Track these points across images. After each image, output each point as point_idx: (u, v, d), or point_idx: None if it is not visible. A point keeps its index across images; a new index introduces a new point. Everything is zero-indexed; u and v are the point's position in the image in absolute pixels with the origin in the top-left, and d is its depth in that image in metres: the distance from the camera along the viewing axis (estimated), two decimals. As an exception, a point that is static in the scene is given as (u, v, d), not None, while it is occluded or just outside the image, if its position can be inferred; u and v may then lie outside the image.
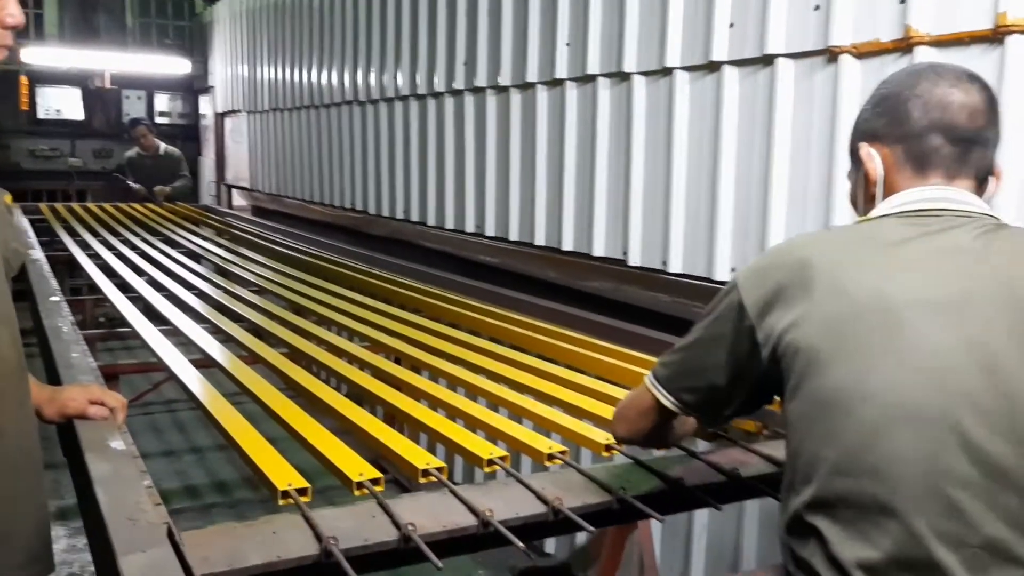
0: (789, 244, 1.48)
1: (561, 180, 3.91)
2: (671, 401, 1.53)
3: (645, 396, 1.57)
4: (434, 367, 2.82)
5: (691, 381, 1.51)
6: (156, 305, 3.85)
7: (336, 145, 6.49)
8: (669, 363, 1.55)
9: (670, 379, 1.54)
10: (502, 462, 1.86)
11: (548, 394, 2.41)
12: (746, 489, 1.80)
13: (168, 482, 4.89)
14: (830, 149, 2.68)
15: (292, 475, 1.72)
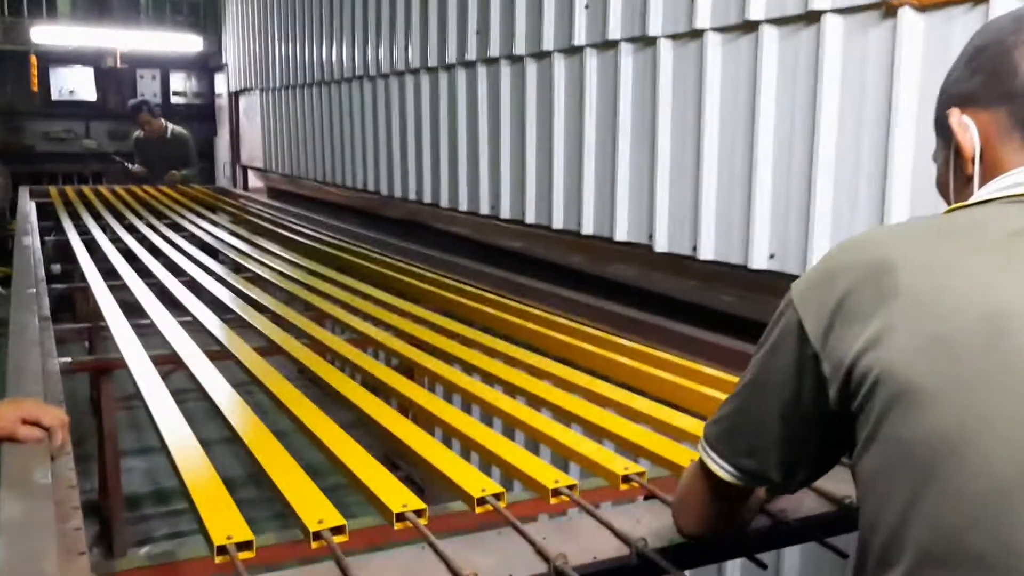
0: (860, 240, 1.10)
1: (581, 158, 3.57)
2: (730, 472, 1.18)
3: (703, 475, 1.22)
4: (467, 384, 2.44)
5: (749, 440, 1.15)
6: (144, 300, 3.57)
7: (348, 123, 6.19)
8: (721, 419, 1.20)
9: (724, 440, 1.18)
10: (571, 491, 1.54)
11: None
12: (794, 536, 1.48)
13: (166, 480, 4.64)
14: (886, 118, 2.33)
15: (324, 507, 1.43)
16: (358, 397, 2.22)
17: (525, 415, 2.04)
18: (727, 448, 1.17)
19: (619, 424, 1.97)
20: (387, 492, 1.48)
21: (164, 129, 8.43)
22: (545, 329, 2.97)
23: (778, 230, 2.72)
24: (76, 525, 1.50)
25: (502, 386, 2.43)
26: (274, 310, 3.47)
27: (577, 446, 1.80)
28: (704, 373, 2.37)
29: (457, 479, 1.55)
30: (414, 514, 1.41)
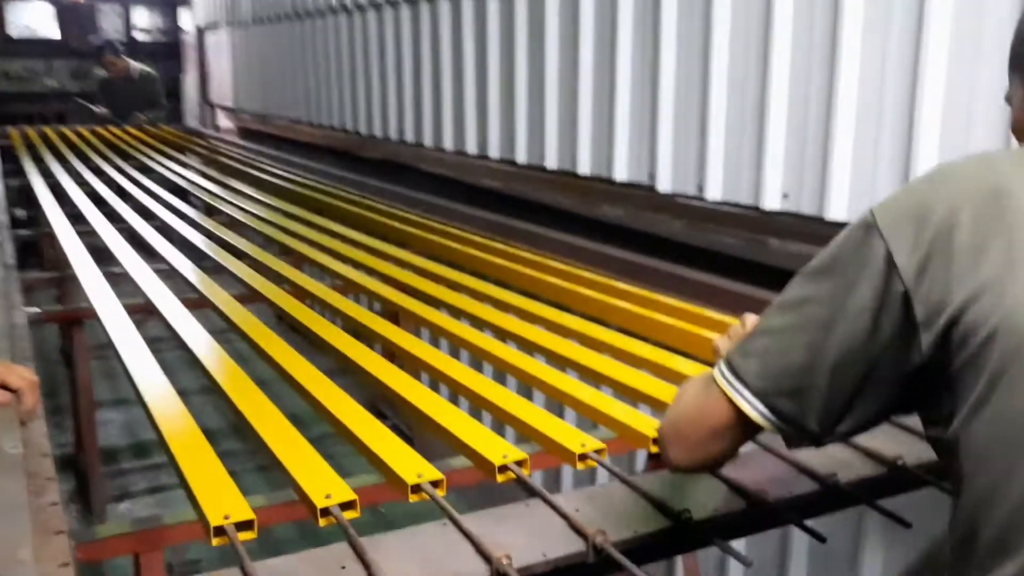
0: (962, 166, 0.95)
1: (576, 91, 3.38)
2: (762, 413, 1.00)
3: (717, 406, 1.03)
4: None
5: (795, 380, 0.98)
6: (113, 245, 3.37)
7: (323, 60, 5.93)
8: (759, 352, 1.01)
9: (762, 376, 1.00)
10: (598, 455, 1.39)
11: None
12: (848, 499, 1.35)
13: (148, 432, 4.46)
14: (914, 48, 2.16)
15: (329, 478, 1.28)
16: (343, 344, 2.09)
17: (522, 362, 1.91)
18: (764, 385, 1.00)
19: (617, 369, 1.85)
20: (398, 459, 1.34)
21: (129, 69, 8.07)
22: (538, 273, 2.82)
23: (792, 168, 2.56)
24: (52, 499, 1.34)
25: (492, 331, 2.29)
26: (251, 255, 3.30)
27: (580, 394, 1.67)
28: (708, 317, 2.23)
29: (473, 443, 1.40)
30: (431, 485, 1.27)
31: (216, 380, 1.77)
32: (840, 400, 0.97)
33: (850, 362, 0.95)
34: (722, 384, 1.03)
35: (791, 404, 0.99)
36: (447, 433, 1.45)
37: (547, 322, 2.30)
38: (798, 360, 0.97)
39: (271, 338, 2.14)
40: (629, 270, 2.90)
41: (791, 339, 0.98)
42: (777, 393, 0.99)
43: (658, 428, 1.15)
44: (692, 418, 1.08)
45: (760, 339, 1.02)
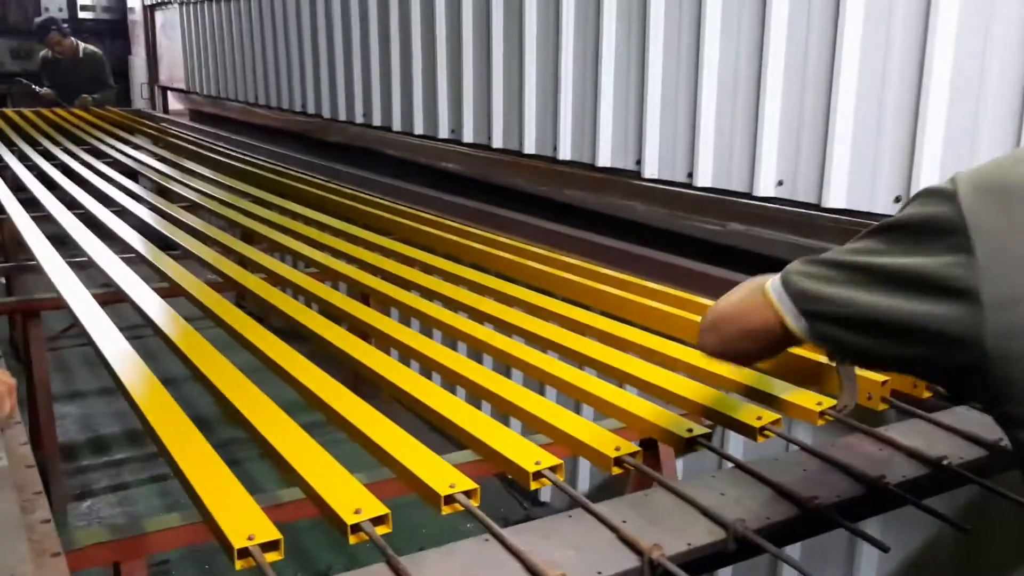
0: None
1: (557, 73, 3.29)
2: (803, 328, 1.05)
3: (761, 312, 1.09)
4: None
5: (842, 309, 1.00)
6: (73, 231, 3.21)
7: (283, 39, 5.75)
8: (814, 275, 1.04)
9: (810, 299, 1.04)
10: (633, 459, 1.32)
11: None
12: (896, 501, 1.29)
13: (107, 426, 4.32)
14: (922, 23, 2.11)
15: (355, 490, 1.18)
16: (322, 329, 2.03)
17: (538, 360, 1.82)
18: (809, 306, 1.04)
19: (605, 353, 1.81)
20: (428, 468, 1.24)
21: (75, 49, 7.76)
22: (518, 257, 2.72)
23: (787, 152, 2.51)
24: (43, 516, 1.23)
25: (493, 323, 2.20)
26: (221, 240, 3.16)
27: (596, 390, 1.59)
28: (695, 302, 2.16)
29: (504, 449, 1.31)
30: (465, 495, 1.18)
31: (218, 389, 1.63)
32: (886, 348, 0.99)
33: (904, 324, 0.94)
34: (770, 293, 1.08)
35: (835, 330, 1.02)
36: (475, 440, 1.36)
37: (529, 306, 2.23)
38: (850, 297, 0.99)
39: (253, 328, 2.03)
40: (608, 256, 2.83)
41: (848, 276, 1.00)
42: (820, 316, 1.03)
43: (704, 317, 1.21)
44: (732, 316, 1.16)
45: (820, 266, 1.04)
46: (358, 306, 2.26)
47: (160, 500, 3.65)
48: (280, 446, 1.33)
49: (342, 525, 1.09)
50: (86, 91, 7.66)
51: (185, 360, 1.87)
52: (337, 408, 1.52)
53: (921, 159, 2.12)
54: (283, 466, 1.29)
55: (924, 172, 2.12)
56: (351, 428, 1.45)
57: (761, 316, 1.09)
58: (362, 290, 2.58)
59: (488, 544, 1.10)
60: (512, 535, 1.10)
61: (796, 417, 1.49)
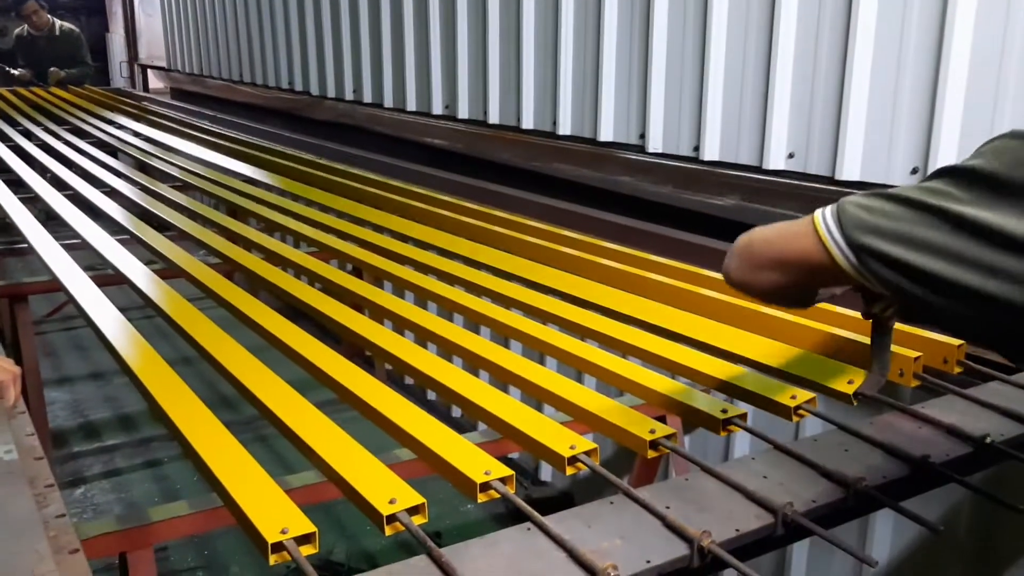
0: None
1: (556, 43, 3.22)
2: (851, 263, 0.96)
3: (804, 240, 1.00)
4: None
5: (905, 252, 0.93)
6: (61, 209, 3.13)
7: (267, 15, 5.63)
8: (875, 209, 0.96)
9: (868, 230, 0.95)
10: (669, 441, 1.27)
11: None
12: (939, 479, 1.26)
13: (98, 411, 4.24)
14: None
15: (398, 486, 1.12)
16: (325, 306, 1.99)
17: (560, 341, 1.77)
18: (868, 240, 0.95)
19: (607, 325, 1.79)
20: (459, 455, 1.19)
21: (51, 25, 7.59)
22: (516, 232, 2.66)
23: (798, 124, 2.46)
24: (58, 511, 1.17)
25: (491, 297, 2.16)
26: (219, 222, 3.09)
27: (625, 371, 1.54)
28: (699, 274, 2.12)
29: (536, 434, 1.26)
30: (500, 482, 1.14)
31: (235, 376, 1.57)
32: (935, 289, 0.92)
33: (963, 268, 0.90)
34: (819, 221, 0.99)
35: (887, 272, 0.94)
36: (505, 425, 1.31)
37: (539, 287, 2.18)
38: (913, 235, 0.92)
39: (255, 306, 1.98)
40: (619, 233, 2.78)
41: (919, 217, 0.93)
42: (874, 255, 0.95)
43: (737, 245, 1.11)
44: (769, 239, 1.07)
45: (882, 201, 0.96)
46: (375, 290, 2.18)
47: (155, 485, 3.59)
48: (303, 432, 1.28)
49: (378, 517, 1.04)
50: (62, 68, 7.50)
51: (192, 342, 1.81)
52: (352, 388, 1.47)
53: (940, 128, 2.08)
54: (309, 454, 1.24)
55: (943, 142, 2.07)
56: (368, 408, 1.40)
57: (803, 244, 1.00)
58: (376, 274, 2.52)
59: (531, 533, 1.05)
60: (555, 523, 1.06)
61: (828, 396, 1.45)
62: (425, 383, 1.57)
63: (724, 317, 1.80)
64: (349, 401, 1.48)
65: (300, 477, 1.74)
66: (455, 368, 1.57)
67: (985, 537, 1.98)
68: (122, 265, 2.43)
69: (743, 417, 1.33)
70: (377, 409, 1.38)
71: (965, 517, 1.99)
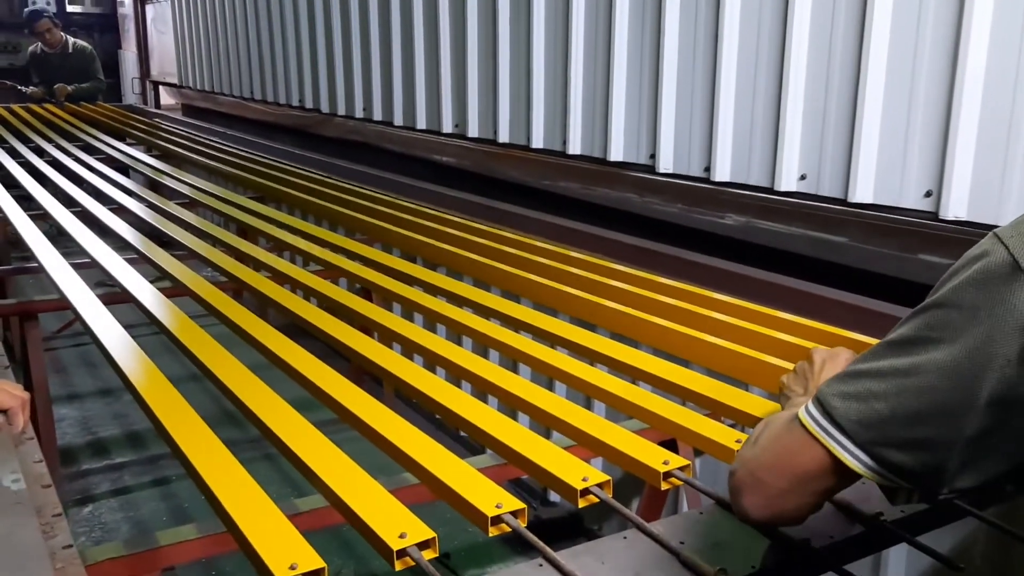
0: None
1: (567, 65, 3.22)
2: (866, 465, 0.90)
3: (807, 453, 0.93)
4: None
5: (908, 431, 0.87)
6: (70, 227, 3.14)
7: (279, 34, 5.66)
8: (860, 396, 0.90)
9: (867, 426, 0.89)
10: (683, 472, 1.25)
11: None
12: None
13: (106, 429, 4.23)
14: (956, 8, 2.04)
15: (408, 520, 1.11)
16: (327, 325, 2.00)
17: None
18: (871, 435, 0.89)
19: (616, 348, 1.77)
20: (470, 486, 1.18)
21: (64, 42, 7.63)
22: (527, 254, 2.65)
23: (810, 143, 2.44)
24: (65, 541, 1.16)
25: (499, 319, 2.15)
26: (226, 241, 3.10)
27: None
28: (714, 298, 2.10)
29: (548, 464, 1.25)
30: (512, 516, 1.12)
31: (237, 396, 1.56)
32: (963, 454, 0.86)
33: (978, 413, 0.83)
34: (814, 430, 0.92)
35: (902, 455, 0.88)
36: (520, 457, 1.30)
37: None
38: (913, 408, 0.87)
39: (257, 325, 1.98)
40: (627, 253, 2.77)
41: (905, 383, 0.87)
42: (885, 443, 0.89)
43: (730, 473, 1.02)
44: (773, 465, 0.97)
45: (863, 381, 0.91)
46: (384, 312, 2.18)
47: (163, 504, 3.58)
48: (307, 457, 1.27)
49: (387, 551, 1.03)
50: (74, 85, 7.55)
51: (195, 360, 1.81)
52: (355, 410, 1.46)
53: (954, 151, 2.06)
54: (315, 480, 1.23)
55: (957, 166, 2.06)
56: (372, 433, 1.39)
57: (811, 457, 0.93)
58: (370, 288, 2.52)
59: (543, 570, 1.04)
60: (568, 559, 1.04)
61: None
62: (433, 408, 1.56)
63: (736, 340, 1.79)
64: (351, 423, 1.47)
65: (307, 501, 1.72)
66: (464, 394, 1.55)
67: (1000, 570, 1.95)
68: (129, 283, 2.43)
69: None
70: (382, 434, 1.37)
71: (980, 549, 1.96)
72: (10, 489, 1.21)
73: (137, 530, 3.34)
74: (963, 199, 2.07)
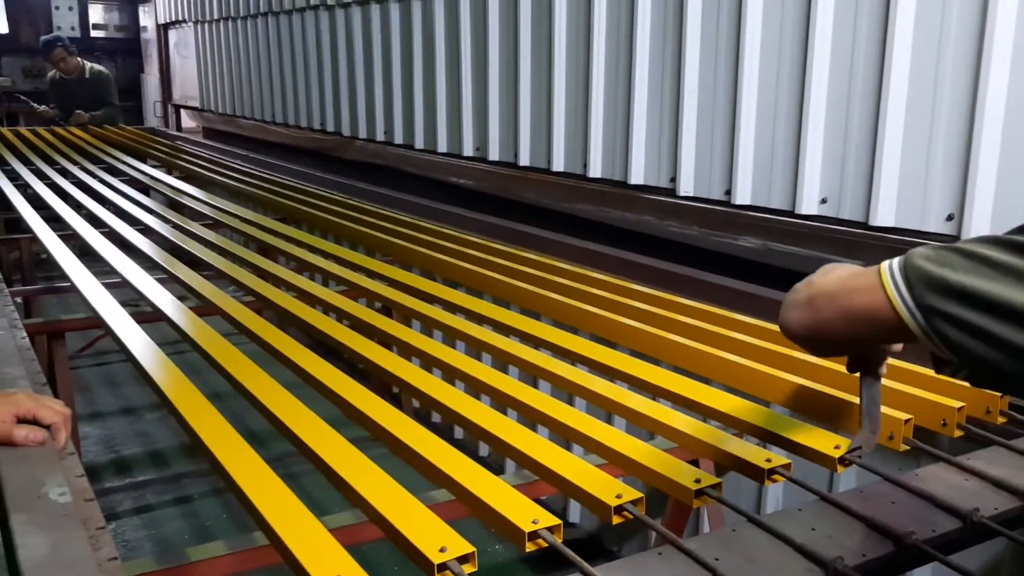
0: None
1: (588, 92, 3.26)
2: (918, 323, 0.91)
3: (871, 294, 0.96)
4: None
5: (976, 315, 0.88)
6: (97, 246, 3.19)
7: (301, 58, 5.73)
8: (942, 262, 0.91)
9: (935, 290, 0.90)
10: (715, 491, 1.28)
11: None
12: (987, 534, 1.25)
13: (129, 447, 4.27)
14: (978, 30, 2.06)
15: (447, 534, 1.13)
16: (371, 351, 2.01)
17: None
18: (938, 302, 0.90)
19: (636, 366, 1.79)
20: (506, 503, 1.20)
21: (81, 68, 7.74)
22: (545, 274, 2.68)
23: (831, 170, 2.47)
24: (110, 553, 1.19)
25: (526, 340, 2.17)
26: (251, 260, 3.14)
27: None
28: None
29: (581, 481, 1.27)
30: (548, 531, 1.14)
31: (280, 419, 1.59)
32: (1012, 354, 0.87)
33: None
34: (885, 274, 0.95)
35: (959, 335, 0.89)
36: (551, 473, 1.32)
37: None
38: (990, 293, 0.87)
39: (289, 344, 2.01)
40: (633, 272, 2.79)
41: (989, 272, 0.88)
42: (945, 316, 0.89)
43: (792, 290, 1.08)
44: (834, 292, 1.02)
45: (952, 255, 0.91)
46: (404, 328, 2.22)
47: (185, 522, 3.61)
48: (344, 472, 1.30)
49: (428, 566, 1.05)
50: (89, 110, 7.65)
51: (229, 377, 1.84)
52: (387, 427, 1.49)
53: (976, 174, 2.08)
54: (351, 495, 1.26)
55: (979, 189, 2.08)
56: (407, 450, 1.41)
57: (869, 298, 0.95)
58: (406, 313, 2.55)
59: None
60: (604, 574, 1.06)
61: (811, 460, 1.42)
62: (456, 421, 1.58)
63: (757, 359, 1.80)
64: (383, 439, 1.50)
65: (336, 519, 1.74)
66: (489, 409, 1.58)
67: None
68: (159, 302, 2.47)
69: (787, 467, 1.33)
70: (416, 450, 1.40)
71: (1006, 570, 1.96)
72: (58, 502, 1.24)
73: (160, 548, 3.36)
74: (985, 222, 2.08)
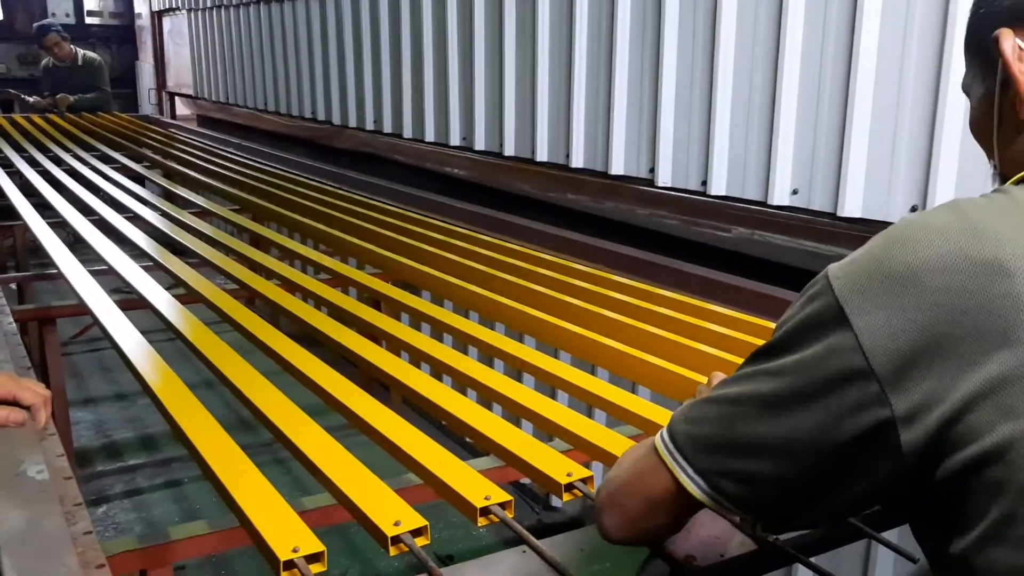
0: (947, 224, 0.76)
1: (570, 81, 3.32)
2: (701, 489, 0.87)
3: (657, 476, 0.91)
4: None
5: (742, 462, 0.84)
6: (87, 234, 3.24)
7: (293, 46, 5.78)
8: (699, 420, 0.89)
9: (702, 451, 0.88)
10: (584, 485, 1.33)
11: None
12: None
13: (121, 432, 4.34)
14: (940, 26, 2.12)
15: (403, 510, 1.19)
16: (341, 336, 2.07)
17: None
18: (703, 463, 0.87)
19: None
20: (460, 479, 1.27)
21: (74, 55, 7.77)
22: (533, 266, 2.74)
23: (801, 161, 2.53)
24: (86, 528, 1.25)
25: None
26: (238, 249, 3.20)
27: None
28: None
29: (537, 462, 1.33)
30: (500, 507, 1.21)
31: (251, 400, 1.65)
32: (798, 492, 0.84)
33: (806, 452, 0.80)
34: (663, 453, 0.91)
35: (737, 486, 0.86)
36: (510, 453, 1.38)
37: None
38: (744, 439, 0.84)
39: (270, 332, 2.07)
40: (621, 262, 2.85)
41: (739, 413, 0.84)
42: (719, 472, 0.86)
43: (596, 492, 1.03)
44: (630, 486, 0.96)
45: (705, 407, 0.89)
46: (392, 321, 2.27)
47: (175, 506, 3.68)
48: (314, 456, 1.36)
49: (382, 537, 1.11)
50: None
51: (211, 366, 1.90)
52: (363, 415, 1.55)
53: (938, 167, 2.14)
54: (320, 477, 1.32)
55: (940, 181, 2.14)
56: (377, 435, 1.48)
57: (658, 480, 0.91)
58: (376, 296, 2.62)
59: (526, 556, 1.12)
60: (550, 547, 1.13)
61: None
62: (437, 413, 1.64)
63: (728, 350, 1.87)
64: (358, 426, 1.56)
65: (314, 500, 1.80)
66: (468, 400, 1.63)
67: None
68: (145, 290, 2.52)
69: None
70: (385, 435, 1.46)
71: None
72: (35, 479, 1.30)
73: (150, 530, 3.43)
74: (946, 213, 2.14)
